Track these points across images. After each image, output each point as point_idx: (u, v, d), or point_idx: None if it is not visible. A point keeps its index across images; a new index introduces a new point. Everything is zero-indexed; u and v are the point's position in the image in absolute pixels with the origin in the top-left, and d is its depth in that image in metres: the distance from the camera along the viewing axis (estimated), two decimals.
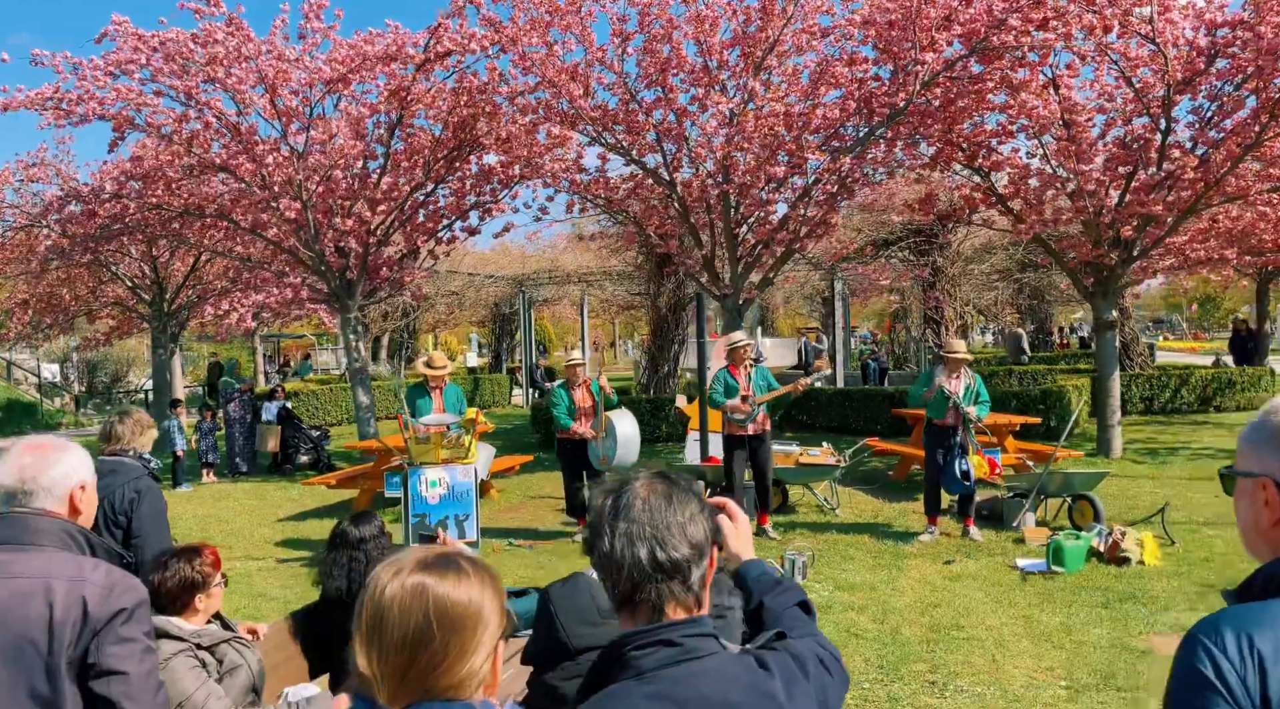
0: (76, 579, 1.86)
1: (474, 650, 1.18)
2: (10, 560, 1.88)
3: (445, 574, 1.21)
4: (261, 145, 11.55)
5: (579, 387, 8.07)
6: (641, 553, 1.31)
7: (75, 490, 2.04)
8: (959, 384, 7.56)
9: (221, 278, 17.53)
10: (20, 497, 1.97)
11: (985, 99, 10.47)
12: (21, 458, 2.00)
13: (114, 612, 1.85)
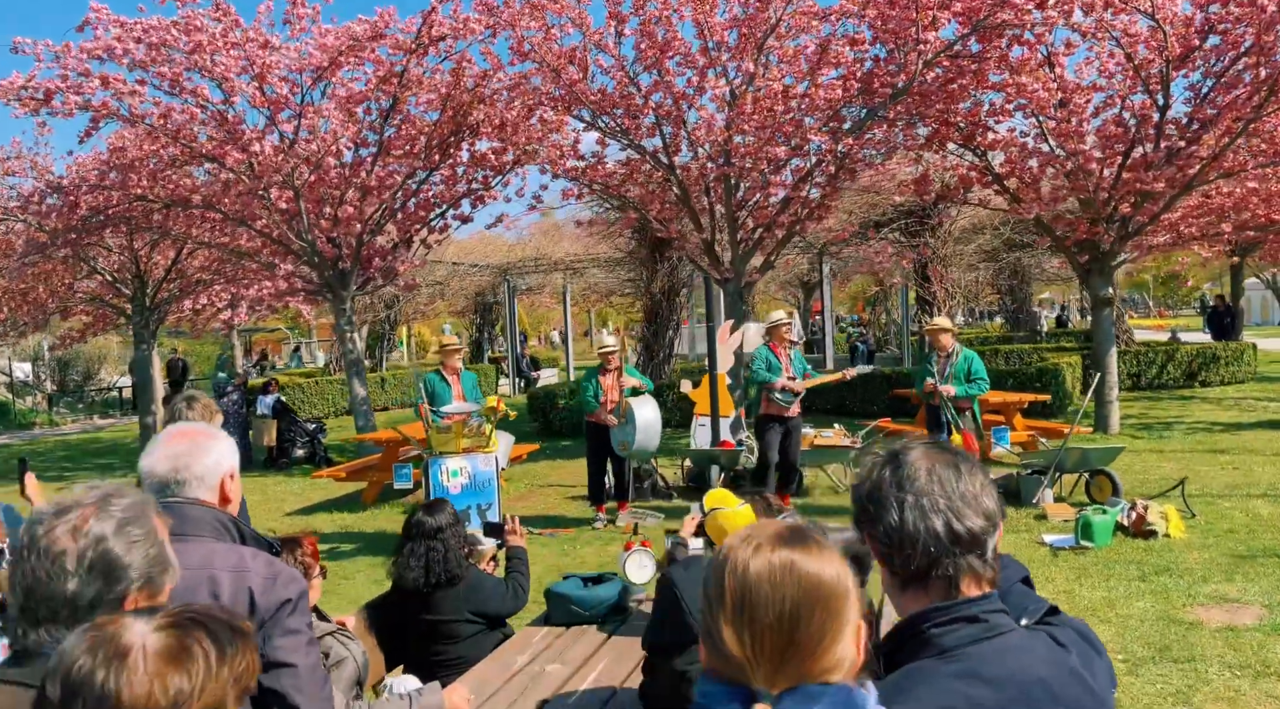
0: (240, 570, 1.78)
1: (844, 629, 1.11)
2: (190, 552, 1.80)
3: (809, 549, 1.13)
4: (250, 133, 11.31)
5: (610, 372, 8.00)
6: (937, 525, 1.25)
7: (225, 478, 1.97)
8: (944, 362, 7.59)
9: (204, 271, 17.20)
10: (173, 486, 1.89)
11: (984, 78, 10.48)
12: (173, 446, 1.92)
13: (280, 602, 1.78)
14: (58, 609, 1.38)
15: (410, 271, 13.23)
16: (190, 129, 11.18)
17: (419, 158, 11.79)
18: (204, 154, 11.53)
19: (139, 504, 1.49)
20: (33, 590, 1.38)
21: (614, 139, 11.26)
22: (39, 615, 1.39)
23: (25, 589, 1.39)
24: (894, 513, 1.27)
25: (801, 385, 7.87)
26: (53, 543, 1.40)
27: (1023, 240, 16.68)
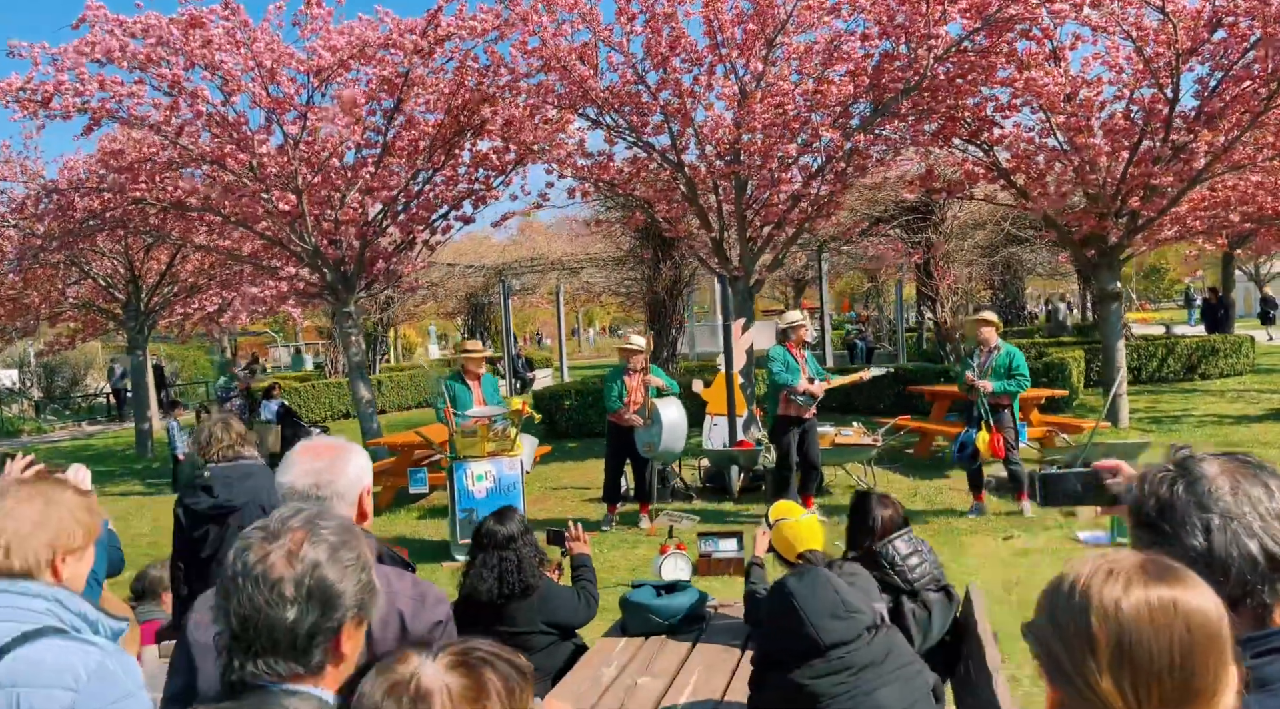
0: (387, 592, 1.69)
1: (1231, 671, 1.01)
2: None
3: (1184, 581, 1.04)
4: (255, 135, 11.15)
5: (635, 373, 7.90)
6: (1253, 549, 1.16)
7: (364, 493, 1.88)
8: (986, 357, 7.54)
9: (197, 274, 17.01)
10: (314, 503, 1.80)
11: (992, 73, 10.45)
12: (313, 462, 1.83)
13: (431, 625, 1.70)
14: (279, 639, 1.30)
15: (413, 273, 13.09)
16: (195, 127, 11.00)
17: (422, 158, 11.66)
18: (204, 156, 11.35)
19: (346, 527, 1.40)
20: (250, 620, 1.29)
21: (621, 137, 11.18)
22: (258, 646, 1.30)
23: (242, 618, 1.30)
24: (1199, 536, 1.17)
25: (821, 388, 7.80)
26: (269, 570, 1.31)
27: (1021, 235, 16.68)
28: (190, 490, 3.66)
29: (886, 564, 2.92)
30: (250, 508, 3.54)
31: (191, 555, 3.63)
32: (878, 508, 3.07)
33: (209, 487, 3.59)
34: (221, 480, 3.59)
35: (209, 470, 3.63)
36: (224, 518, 3.55)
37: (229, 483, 3.59)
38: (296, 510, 1.40)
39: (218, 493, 3.56)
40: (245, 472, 3.66)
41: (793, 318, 8.23)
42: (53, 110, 10.94)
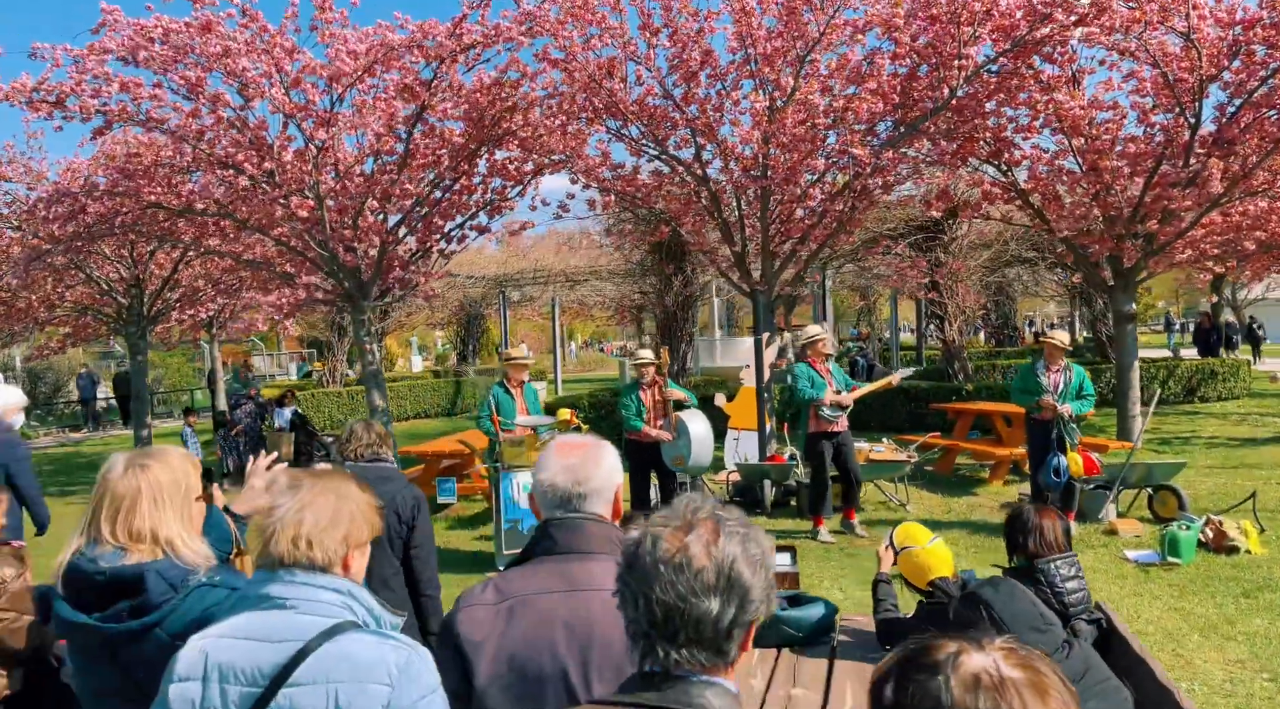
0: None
1: None
2: (595, 571, 1.66)
3: None
4: (276, 140, 11.06)
5: (648, 387, 7.84)
6: None
7: (618, 491, 1.83)
8: (1058, 377, 7.54)
9: (199, 280, 16.81)
10: (575, 500, 1.77)
11: (1015, 95, 10.54)
12: (569, 458, 1.79)
13: None
14: (703, 631, 1.26)
15: (429, 283, 12.99)
16: (217, 132, 10.87)
17: (442, 166, 11.60)
18: (223, 160, 11.22)
19: (746, 521, 1.35)
20: (674, 610, 1.26)
21: (645, 150, 11.18)
22: (684, 637, 1.26)
23: (666, 607, 1.26)
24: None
25: (849, 398, 7.80)
26: (691, 559, 1.27)
27: (1026, 256, 16.83)
28: None
29: (1045, 584, 2.87)
30: (386, 512, 3.47)
31: None
32: (1044, 521, 3.02)
33: None
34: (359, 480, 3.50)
35: (347, 468, 3.54)
36: None
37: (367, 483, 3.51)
38: (690, 501, 1.35)
39: None
40: (384, 474, 3.58)
41: (812, 332, 8.25)
42: (69, 112, 10.81)
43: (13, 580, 3.02)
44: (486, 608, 1.68)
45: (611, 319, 44.98)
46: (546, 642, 1.62)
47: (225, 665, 1.52)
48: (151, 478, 2.08)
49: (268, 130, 11.18)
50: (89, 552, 2.01)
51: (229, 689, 1.50)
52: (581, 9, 10.08)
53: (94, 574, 1.96)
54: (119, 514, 2.04)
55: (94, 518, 2.06)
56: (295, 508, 1.65)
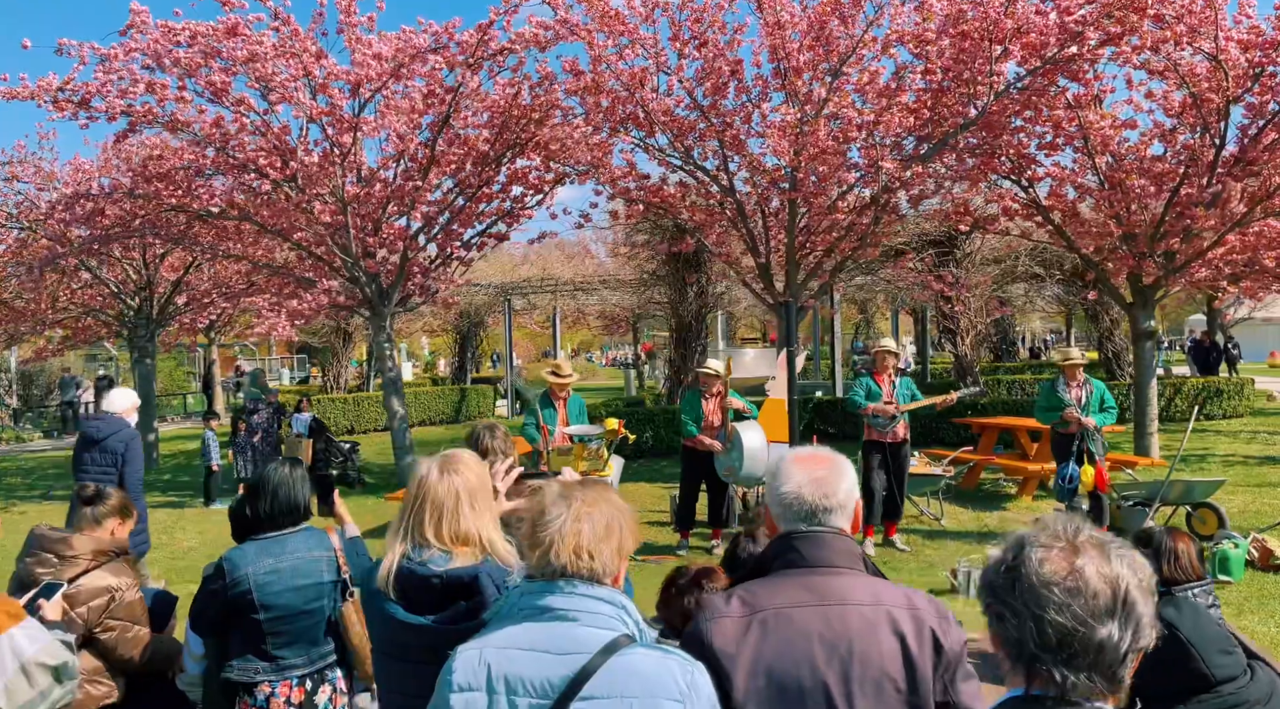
0: (913, 609, 1.63)
1: None
2: (845, 586, 1.64)
3: None
4: (300, 144, 11.02)
5: (712, 397, 7.85)
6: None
7: (857, 505, 1.82)
8: (1079, 392, 7.59)
9: (207, 282, 16.70)
10: (820, 514, 1.74)
11: (1040, 112, 10.61)
12: (816, 471, 1.77)
13: (961, 643, 1.63)
14: (1104, 656, 1.24)
15: (450, 290, 12.96)
16: (241, 137, 10.81)
17: (466, 172, 11.57)
18: (246, 164, 11.15)
19: (1124, 543, 1.33)
20: (1072, 633, 1.23)
21: (671, 160, 11.19)
22: (1082, 661, 1.24)
23: (1063, 631, 1.23)
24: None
25: (892, 409, 7.82)
26: (1086, 582, 1.24)
27: (1036, 272, 16.93)
28: None
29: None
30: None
31: None
32: (1178, 545, 2.99)
33: None
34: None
35: None
36: None
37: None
38: (1063, 521, 1.33)
39: None
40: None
41: (886, 345, 8.27)
42: (95, 112, 10.74)
43: (126, 590, 2.97)
44: (735, 620, 1.66)
45: (605, 328, 45.02)
46: (805, 656, 1.60)
47: (512, 677, 1.49)
48: (465, 481, 2.12)
49: (290, 135, 11.13)
50: (415, 555, 2.02)
51: (517, 701, 1.47)
52: (613, 19, 10.10)
53: (429, 577, 1.98)
54: (442, 518, 2.06)
55: (415, 522, 2.07)
56: (571, 518, 1.63)
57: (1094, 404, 7.55)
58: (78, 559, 2.91)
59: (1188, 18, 9.61)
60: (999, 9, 9.38)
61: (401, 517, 2.10)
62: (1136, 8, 9.26)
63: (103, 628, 2.86)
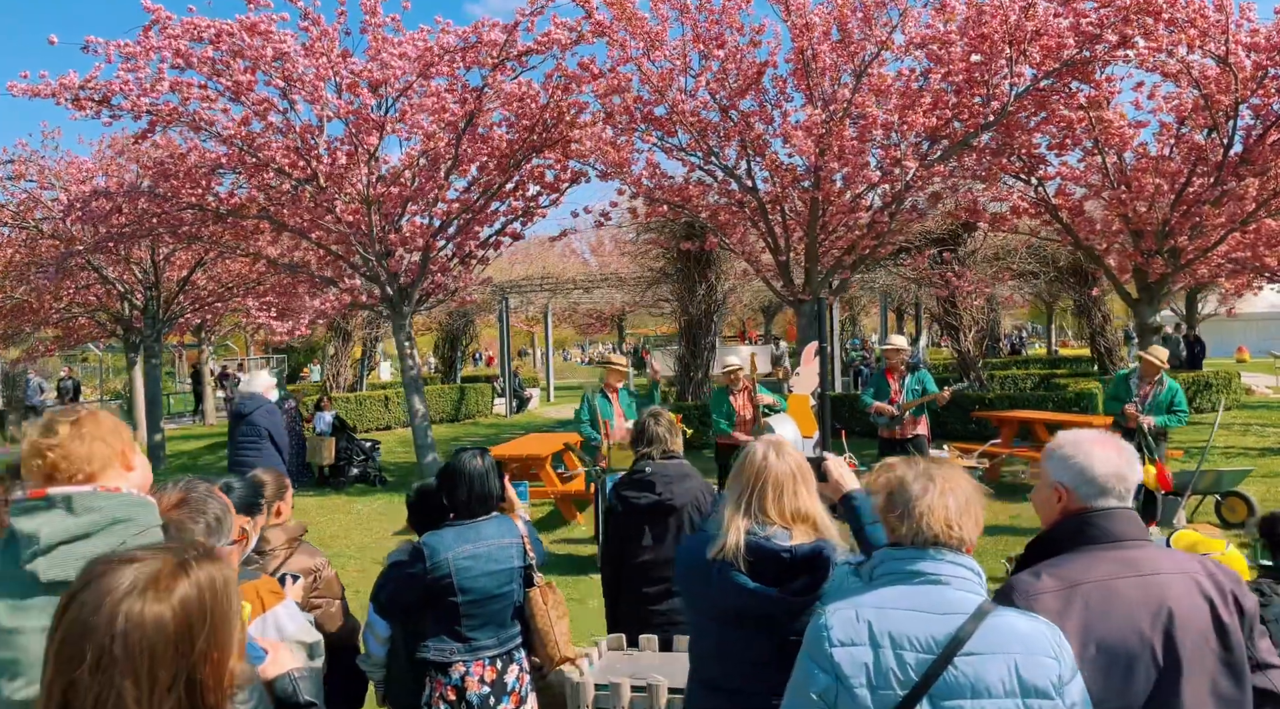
0: (1212, 575, 1.82)
1: None
2: (1152, 557, 1.81)
3: None
4: (323, 143, 11.05)
5: (739, 393, 8.00)
6: None
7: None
8: (1149, 389, 7.80)
9: (213, 282, 16.61)
10: (1125, 493, 1.90)
11: (1055, 112, 10.89)
12: (1120, 452, 1.95)
13: (1255, 605, 1.81)
14: None
15: (468, 288, 13.03)
16: (267, 136, 10.82)
17: (490, 172, 11.65)
18: (268, 163, 11.15)
19: None
20: None
21: (692, 159, 11.36)
22: None
23: None
24: None
25: (891, 409, 8.08)
26: None
27: (1034, 270, 17.28)
28: (630, 484, 3.66)
29: None
30: (689, 509, 3.57)
31: (621, 558, 3.62)
32: None
33: (650, 482, 3.59)
34: (662, 478, 3.60)
35: (649, 467, 3.64)
36: (664, 517, 3.56)
37: (669, 481, 3.60)
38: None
39: (659, 490, 3.57)
40: (684, 471, 3.68)
41: (893, 343, 8.49)
42: (119, 110, 10.70)
43: (324, 568, 3.11)
44: (1053, 595, 1.80)
45: (590, 327, 45.08)
46: (1131, 624, 1.76)
47: (896, 633, 1.64)
48: (798, 462, 2.27)
49: (314, 135, 11.15)
50: (758, 531, 2.16)
51: (904, 655, 1.62)
52: (639, 21, 10.24)
53: (779, 552, 2.11)
54: (782, 496, 2.22)
55: (757, 500, 2.20)
56: (938, 493, 1.77)
57: (1162, 404, 7.75)
58: (276, 551, 3.02)
59: (1199, 21, 9.94)
60: (1020, 11, 9.64)
61: (740, 495, 2.24)
62: (1151, 11, 9.56)
63: (310, 606, 2.98)
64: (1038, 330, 58.80)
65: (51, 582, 1.63)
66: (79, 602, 1.13)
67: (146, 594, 1.13)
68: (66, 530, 1.65)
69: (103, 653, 1.09)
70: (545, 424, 19.51)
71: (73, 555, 1.63)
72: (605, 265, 19.16)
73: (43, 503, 1.69)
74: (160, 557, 1.18)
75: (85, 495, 1.70)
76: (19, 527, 1.66)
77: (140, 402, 19.27)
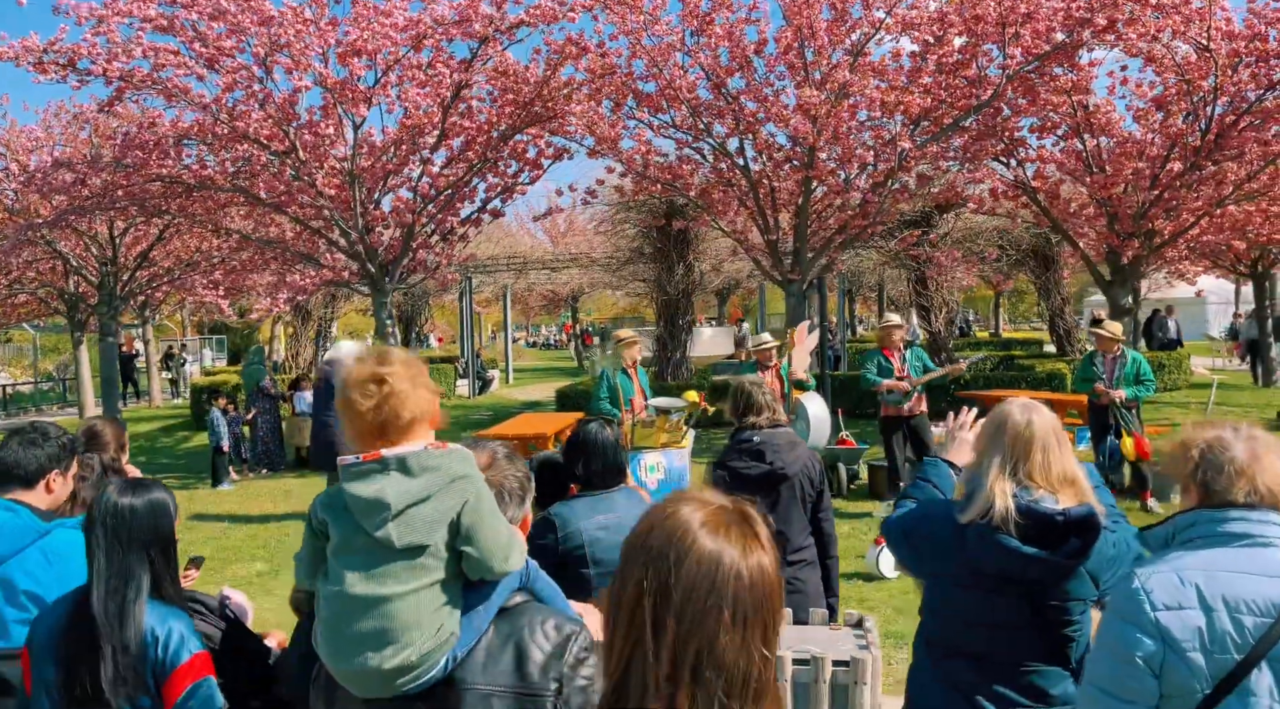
0: None
1: None
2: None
3: None
4: (308, 114, 10.70)
5: (769, 369, 7.98)
6: None
7: None
8: (1113, 364, 7.99)
9: (171, 258, 16.03)
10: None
11: (1038, 96, 11.04)
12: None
13: None
14: None
15: (450, 265, 12.78)
16: (249, 105, 10.43)
17: (477, 147, 11.41)
18: (246, 134, 10.76)
19: None
20: None
21: (685, 137, 11.28)
22: None
23: None
24: None
25: (905, 385, 8.15)
26: None
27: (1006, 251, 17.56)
28: (737, 454, 3.53)
29: None
30: (801, 478, 3.49)
31: None
32: None
33: (760, 451, 3.48)
34: (771, 446, 3.49)
35: (757, 436, 3.51)
36: (775, 486, 3.46)
37: (778, 449, 3.49)
38: None
39: (770, 459, 3.47)
40: (792, 439, 3.58)
41: (888, 320, 8.55)
42: (88, 74, 10.22)
43: None
44: None
45: (543, 308, 44.76)
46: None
47: (1230, 597, 1.61)
48: (1054, 423, 2.22)
49: (295, 105, 10.78)
50: (1024, 495, 2.08)
51: (1242, 619, 1.59)
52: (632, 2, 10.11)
53: (1052, 516, 2.04)
54: (1049, 459, 2.15)
55: (1022, 462, 2.13)
56: (1266, 452, 1.75)
57: (1129, 377, 7.93)
58: None
59: (1184, 8, 10.15)
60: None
61: (1001, 457, 2.18)
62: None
63: None
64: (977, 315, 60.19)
65: (408, 546, 1.52)
66: (693, 558, 1.04)
67: (749, 546, 1.06)
68: (410, 493, 1.54)
69: (737, 608, 1.03)
70: (512, 406, 19.31)
71: (420, 518, 1.55)
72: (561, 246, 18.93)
73: (377, 466, 1.56)
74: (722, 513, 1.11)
75: (418, 455, 1.58)
76: (357, 492, 1.54)
77: (88, 383, 18.60)
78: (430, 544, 1.56)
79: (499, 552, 1.60)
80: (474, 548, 1.58)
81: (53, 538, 2.50)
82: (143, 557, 2.11)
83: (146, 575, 2.10)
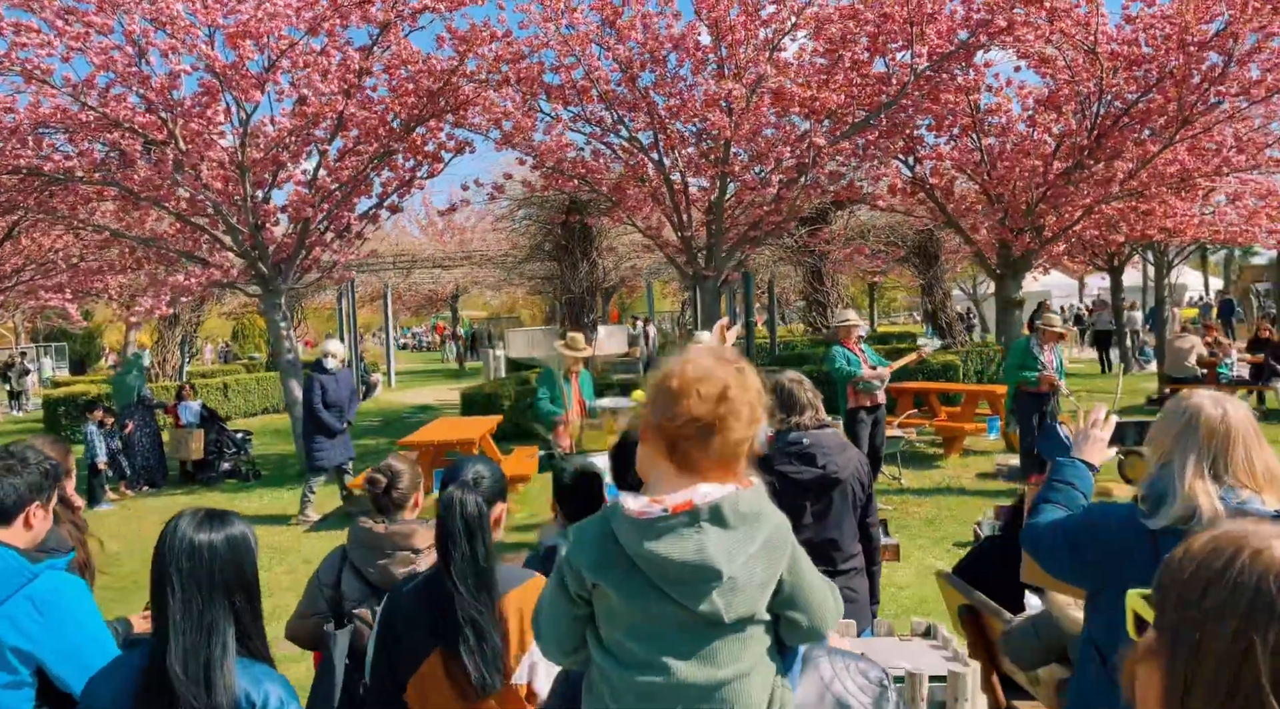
0: None
1: None
2: None
3: None
4: (189, 101, 9.89)
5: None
6: None
7: None
8: (1052, 356, 8.24)
9: (20, 256, 14.58)
10: None
11: (938, 96, 11.32)
12: None
13: None
14: None
15: (346, 263, 12.09)
16: (129, 84, 9.56)
17: (379, 139, 10.83)
18: (119, 122, 9.85)
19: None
20: None
21: (596, 131, 11.03)
22: None
23: None
24: None
25: (887, 372, 8.22)
26: None
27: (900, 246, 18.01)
28: (786, 458, 3.22)
29: None
30: (852, 482, 3.25)
31: None
32: None
33: (811, 455, 3.20)
34: (822, 450, 3.22)
35: (806, 438, 3.23)
36: (828, 491, 3.21)
37: (829, 452, 3.23)
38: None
39: (822, 463, 3.20)
40: (841, 441, 3.33)
41: (847, 317, 8.56)
42: None
43: None
44: None
45: (421, 308, 43.48)
46: None
47: None
48: (1250, 417, 2.05)
49: (180, 90, 9.95)
50: (1229, 497, 1.94)
51: None
52: None
53: (1272, 518, 1.86)
54: (1251, 455, 2.00)
55: (1223, 460, 1.99)
56: None
57: (1060, 368, 8.22)
58: (430, 549, 2.57)
59: (1074, 12, 10.58)
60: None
61: (1197, 455, 2.00)
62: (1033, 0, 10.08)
63: None
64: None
65: (739, 619, 1.24)
66: None
67: None
68: (735, 553, 1.24)
69: None
70: (404, 410, 18.63)
71: (752, 584, 1.27)
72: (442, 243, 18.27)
73: (686, 518, 1.23)
74: None
75: (732, 498, 1.26)
76: (665, 554, 1.20)
77: None
78: (756, 611, 1.28)
79: (829, 615, 1.36)
80: (803, 615, 1.32)
81: (41, 582, 2.07)
82: (226, 605, 1.73)
83: (231, 627, 1.72)
